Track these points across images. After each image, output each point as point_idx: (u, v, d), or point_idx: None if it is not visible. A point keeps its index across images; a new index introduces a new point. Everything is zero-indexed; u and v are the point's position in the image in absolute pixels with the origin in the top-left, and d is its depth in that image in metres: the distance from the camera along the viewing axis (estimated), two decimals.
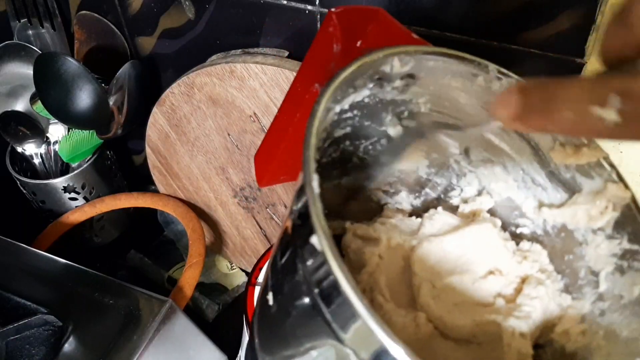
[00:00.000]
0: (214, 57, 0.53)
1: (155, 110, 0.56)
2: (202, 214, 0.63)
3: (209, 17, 0.52)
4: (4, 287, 0.47)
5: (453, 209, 0.41)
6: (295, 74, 0.42)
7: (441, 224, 0.39)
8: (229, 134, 0.54)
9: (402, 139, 0.38)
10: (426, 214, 0.40)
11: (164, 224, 0.69)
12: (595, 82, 0.20)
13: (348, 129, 0.35)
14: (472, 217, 0.40)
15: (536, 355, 0.35)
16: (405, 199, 0.42)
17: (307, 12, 0.46)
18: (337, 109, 0.32)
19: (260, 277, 0.49)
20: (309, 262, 0.24)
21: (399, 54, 0.32)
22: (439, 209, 0.40)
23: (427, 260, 0.37)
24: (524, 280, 0.37)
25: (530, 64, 0.40)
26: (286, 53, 0.50)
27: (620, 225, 0.32)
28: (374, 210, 0.42)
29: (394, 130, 0.37)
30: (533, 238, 0.38)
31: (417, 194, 0.42)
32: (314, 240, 0.23)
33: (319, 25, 0.46)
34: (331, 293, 0.23)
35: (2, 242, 0.51)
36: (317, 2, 0.45)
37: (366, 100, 0.34)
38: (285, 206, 0.58)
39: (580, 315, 0.34)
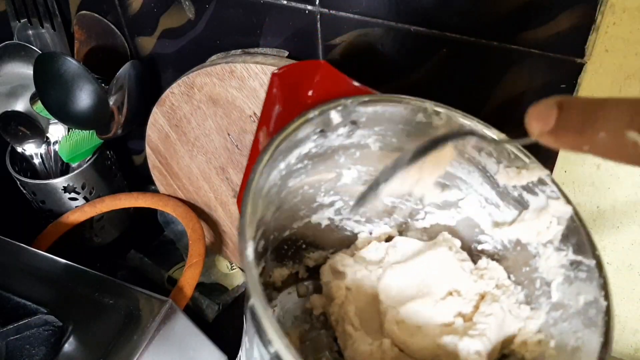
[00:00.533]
0: (214, 57, 0.53)
1: (155, 110, 0.56)
2: (202, 214, 0.63)
3: (209, 17, 0.52)
4: (4, 287, 0.46)
5: (421, 232, 0.44)
6: None
7: (404, 250, 0.42)
8: (229, 134, 0.54)
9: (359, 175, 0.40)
10: (390, 243, 0.43)
11: (164, 224, 0.69)
12: (635, 106, 0.20)
13: (303, 177, 0.38)
14: (435, 238, 0.42)
15: None
16: (376, 227, 0.44)
17: (307, 12, 0.46)
18: (282, 165, 0.34)
19: None
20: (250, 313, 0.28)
21: (335, 107, 0.34)
22: (398, 237, 0.43)
23: (391, 288, 0.40)
24: (482, 297, 0.39)
25: (530, 64, 0.40)
26: (286, 53, 0.50)
27: (565, 238, 0.34)
28: (350, 239, 0.45)
29: (349, 170, 0.40)
30: (494, 253, 0.40)
31: (386, 221, 0.44)
32: (251, 302, 0.26)
33: (319, 25, 0.46)
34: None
35: (2, 242, 0.51)
36: (317, 2, 0.45)
37: (314, 150, 0.36)
38: None
39: (538, 325, 0.36)
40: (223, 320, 0.61)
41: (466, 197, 0.39)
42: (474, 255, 0.41)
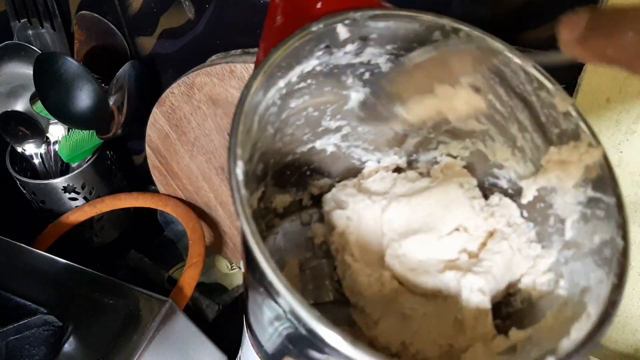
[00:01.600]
0: (214, 57, 0.53)
1: (155, 110, 0.56)
2: (202, 214, 0.63)
3: (209, 17, 0.52)
4: (4, 287, 0.47)
5: (431, 163, 0.41)
6: None
7: (412, 184, 0.40)
8: (229, 134, 0.54)
9: (369, 98, 0.38)
10: (399, 175, 0.41)
11: (164, 224, 0.69)
12: None
13: (307, 97, 0.35)
14: (447, 172, 0.40)
15: (507, 302, 0.36)
16: (385, 156, 0.42)
17: None
18: (282, 83, 0.32)
19: None
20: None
21: (342, 21, 0.32)
22: (409, 171, 0.41)
23: (394, 221, 0.38)
24: (491, 234, 0.37)
25: None
26: None
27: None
28: (358, 168, 0.42)
29: (357, 93, 0.37)
30: (508, 188, 0.37)
31: (395, 150, 0.41)
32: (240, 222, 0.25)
33: None
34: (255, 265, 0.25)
35: (2, 242, 0.51)
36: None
37: (318, 68, 0.34)
38: None
39: (548, 264, 0.34)
40: (223, 320, 0.61)
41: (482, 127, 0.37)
42: (486, 189, 0.39)
